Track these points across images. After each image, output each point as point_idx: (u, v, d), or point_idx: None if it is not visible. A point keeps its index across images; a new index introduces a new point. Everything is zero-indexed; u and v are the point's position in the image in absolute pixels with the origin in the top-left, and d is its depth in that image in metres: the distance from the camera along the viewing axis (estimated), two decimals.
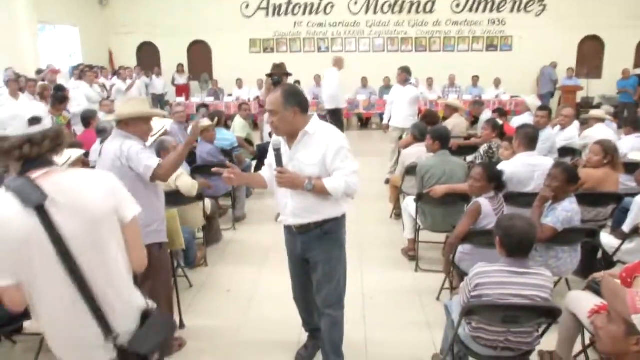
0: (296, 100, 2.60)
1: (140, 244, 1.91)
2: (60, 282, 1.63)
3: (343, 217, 2.83)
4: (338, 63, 9.04)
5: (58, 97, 7.48)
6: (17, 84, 8.29)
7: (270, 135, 4.63)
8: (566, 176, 3.43)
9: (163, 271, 3.25)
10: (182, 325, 3.65)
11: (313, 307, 3.10)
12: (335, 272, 2.84)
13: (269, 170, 2.87)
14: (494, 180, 3.58)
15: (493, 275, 2.48)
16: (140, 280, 3.07)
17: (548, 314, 2.48)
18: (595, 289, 2.98)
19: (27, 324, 3.20)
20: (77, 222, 1.64)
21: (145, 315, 1.86)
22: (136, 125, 2.96)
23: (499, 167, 4.03)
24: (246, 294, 4.17)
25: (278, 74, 5.72)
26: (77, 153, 3.81)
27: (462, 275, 3.48)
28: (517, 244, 2.50)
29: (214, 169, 2.87)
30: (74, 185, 1.68)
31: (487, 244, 3.38)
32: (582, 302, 2.84)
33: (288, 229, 2.90)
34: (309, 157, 2.63)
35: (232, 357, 3.32)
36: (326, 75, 9.40)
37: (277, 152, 2.63)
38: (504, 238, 2.53)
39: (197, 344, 3.47)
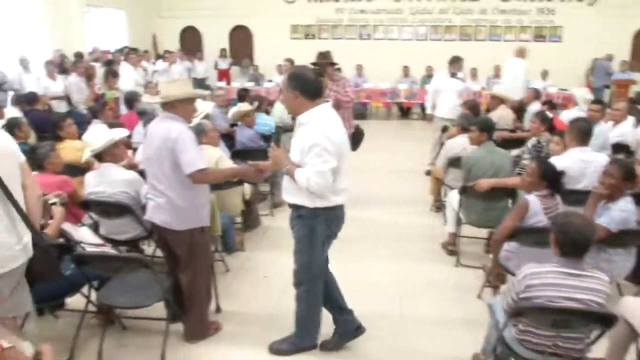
0: (297, 85, 2.72)
1: (32, 182, 2.46)
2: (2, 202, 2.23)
3: (321, 210, 2.82)
4: (521, 53, 8.49)
5: (111, 71, 7.60)
6: (54, 66, 8.50)
7: None
8: (623, 173, 3.25)
9: (205, 255, 3.26)
10: (218, 309, 3.66)
11: (332, 285, 3.17)
12: (299, 253, 2.96)
13: None
14: (547, 178, 3.40)
15: (545, 276, 2.36)
16: (184, 265, 3.12)
17: (602, 320, 2.34)
18: None
19: (69, 300, 3.27)
20: (4, 162, 2.25)
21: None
22: (182, 107, 3.01)
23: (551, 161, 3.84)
24: (282, 281, 4.11)
25: (322, 64, 5.45)
26: (120, 133, 3.79)
27: (508, 274, 3.36)
28: (573, 243, 2.36)
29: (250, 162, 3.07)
30: None
31: (534, 242, 3.24)
32: (637, 309, 2.68)
33: None
34: (296, 144, 2.80)
35: (266, 343, 3.29)
36: (508, 65, 8.82)
37: (277, 129, 2.78)
38: (559, 236, 2.40)
39: (233, 328, 3.47)
